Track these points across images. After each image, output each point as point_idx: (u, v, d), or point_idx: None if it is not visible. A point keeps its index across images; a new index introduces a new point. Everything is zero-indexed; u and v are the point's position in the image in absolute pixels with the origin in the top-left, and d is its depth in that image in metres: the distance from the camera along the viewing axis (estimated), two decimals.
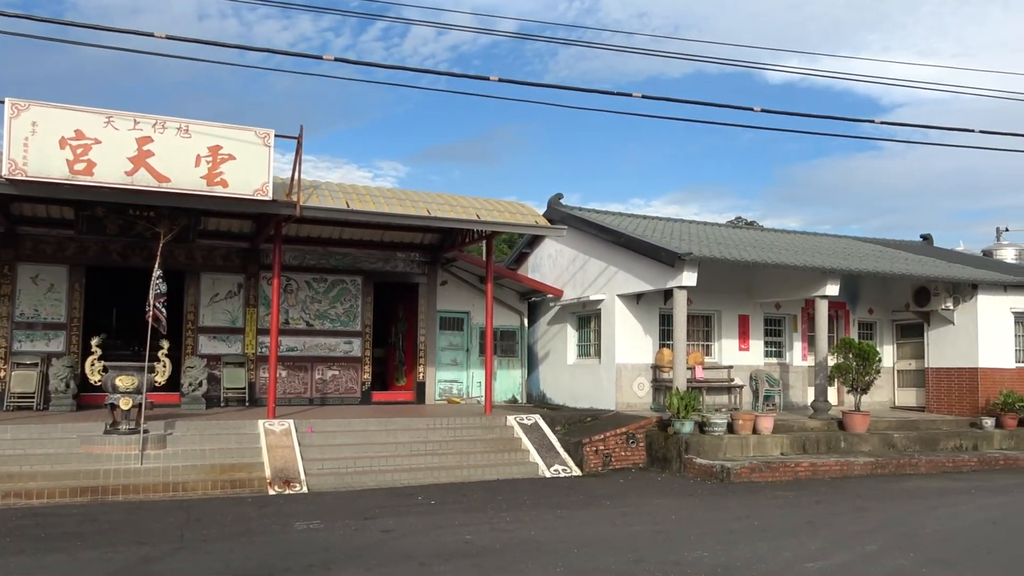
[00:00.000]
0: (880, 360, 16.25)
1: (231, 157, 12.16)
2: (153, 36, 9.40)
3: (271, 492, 11.16)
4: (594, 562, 7.54)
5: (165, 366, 12.52)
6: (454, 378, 18.99)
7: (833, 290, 16.28)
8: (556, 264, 19.50)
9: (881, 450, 14.92)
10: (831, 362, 16.42)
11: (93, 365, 12.32)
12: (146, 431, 11.75)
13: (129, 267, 16.07)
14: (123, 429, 11.78)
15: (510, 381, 19.57)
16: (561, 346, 19.24)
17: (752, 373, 18.16)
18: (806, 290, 16.72)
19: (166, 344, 12.59)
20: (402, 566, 7.32)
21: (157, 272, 12.16)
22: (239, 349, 16.70)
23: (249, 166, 12.27)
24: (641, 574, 7.16)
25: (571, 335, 19.01)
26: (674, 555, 7.83)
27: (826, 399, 16.30)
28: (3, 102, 11.04)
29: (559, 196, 19.44)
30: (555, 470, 13.25)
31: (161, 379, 12.51)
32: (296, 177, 12.81)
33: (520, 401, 19.38)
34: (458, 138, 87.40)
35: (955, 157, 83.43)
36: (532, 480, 12.75)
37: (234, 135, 12.20)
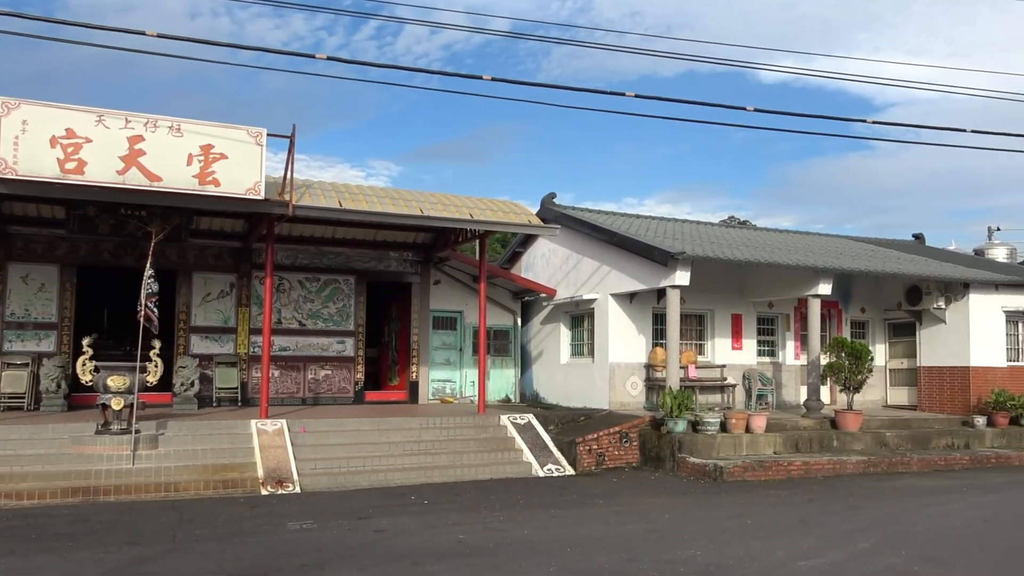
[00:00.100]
0: (872, 359, 16.30)
1: (223, 156, 12.12)
2: (144, 34, 9.36)
3: (264, 492, 11.12)
4: (587, 561, 7.53)
5: (157, 366, 12.48)
6: (447, 378, 18.97)
7: (826, 289, 16.32)
8: (549, 263, 19.50)
9: (873, 449, 14.96)
10: (824, 361, 16.46)
11: (84, 365, 12.27)
12: (138, 431, 11.70)
13: (121, 267, 16.00)
14: (115, 429, 11.72)
15: (503, 380, 19.56)
16: (554, 345, 19.24)
17: (745, 372, 18.19)
18: (799, 289, 16.76)
19: (158, 344, 12.54)
20: (395, 566, 7.31)
21: (149, 271, 12.12)
22: (231, 349, 16.64)
23: (241, 165, 12.23)
24: (635, 573, 7.16)
25: (564, 334, 19.01)
26: (667, 554, 7.84)
27: (819, 398, 16.34)
28: None
29: (552, 195, 19.44)
30: (548, 469, 13.24)
31: (153, 379, 12.46)
32: (288, 176, 12.77)
33: (514, 400, 19.37)
34: (451, 137, 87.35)
35: (947, 157, 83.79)
36: (526, 479, 12.74)
37: (226, 134, 12.16)
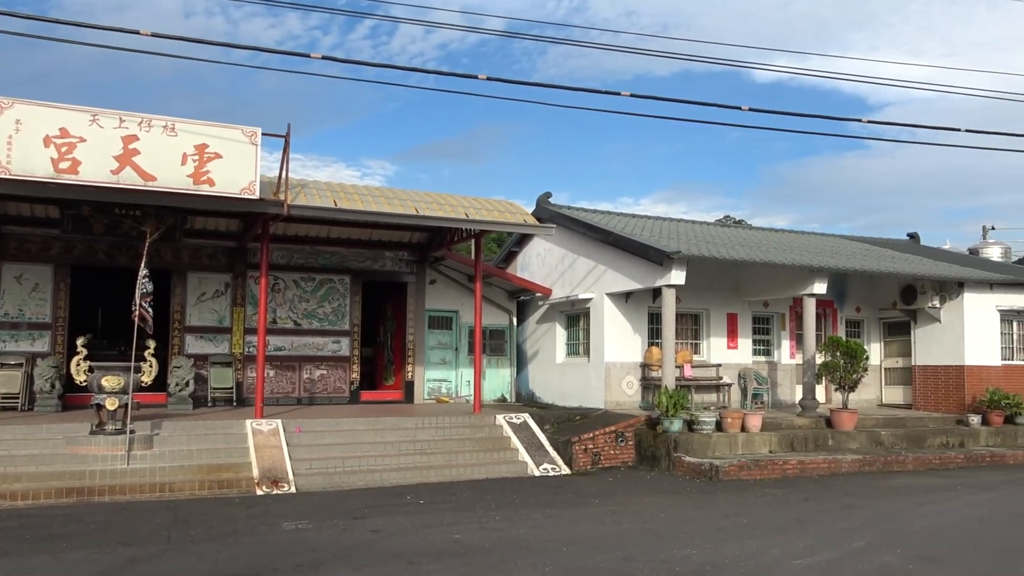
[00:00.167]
0: (867, 358, 16.33)
1: (218, 156, 12.09)
2: (138, 33, 9.33)
3: (259, 492, 11.10)
4: (583, 561, 7.53)
5: (152, 366, 12.44)
6: (443, 377, 18.95)
7: (821, 288, 16.34)
8: (545, 263, 19.49)
9: (869, 447, 14.99)
10: (819, 360, 16.48)
11: (79, 365, 12.23)
12: (132, 431, 11.66)
13: (115, 266, 15.96)
14: (109, 429, 11.69)
15: (499, 380, 19.56)
16: (550, 345, 19.24)
17: (740, 371, 18.21)
18: (794, 288, 16.78)
19: (153, 344, 12.50)
20: (391, 566, 7.30)
21: (143, 271, 12.07)
22: (226, 349, 16.61)
23: (236, 165, 12.20)
24: (630, 572, 7.16)
25: (560, 334, 19.01)
26: (663, 553, 7.84)
27: (814, 397, 16.36)
28: None
29: (548, 195, 19.43)
30: (544, 469, 13.24)
31: (147, 379, 12.42)
32: (283, 176, 12.75)
33: (509, 400, 19.37)
34: (446, 137, 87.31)
35: (942, 156, 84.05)
36: (521, 479, 12.74)
37: (221, 133, 12.13)
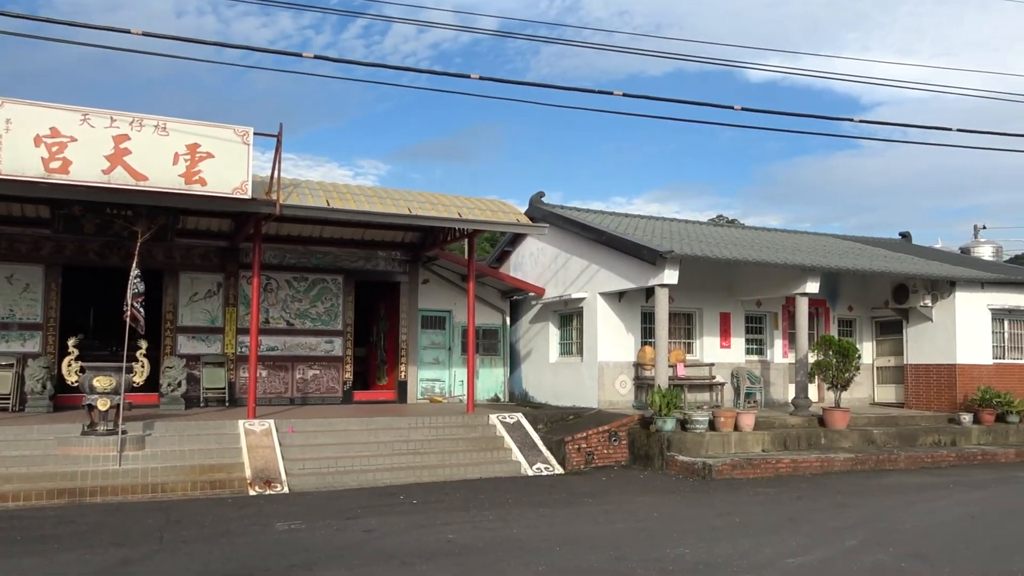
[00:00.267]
0: (860, 357, 16.37)
1: (209, 155, 12.05)
2: (129, 33, 9.29)
3: (251, 493, 11.07)
4: (576, 560, 7.53)
5: (144, 366, 12.39)
6: (436, 377, 18.93)
7: (813, 288, 16.38)
8: (538, 262, 19.49)
9: (861, 446, 15.03)
10: (811, 359, 16.52)
11: (70, 366, 12.18)
12: (124, 432, 11.62)
13: (107, 266, 15.89)
14: (101, 430, 11.64)
15: (492, 380, 19.55)
16: (543, 344, 19.24)
17: (733, 370, 18.24)
18: (787, 288, 16.81)
19: (144, 344, 12.45)
20: (384, 566, 7.28)
21: (135, 271, 12.04)
22: (219, 349, 16.56)
23: (228, 164, 12.15)
24: (623, 571, 7.17)
25: (553, 333, 19.02)
26: (656, 552, 7.84)
27: (807, 396, 16.40)
28: None
29: (540, 194, 19.43)
30: (538, 468, 13.24)
31: (139, 379, 12.38)
32: (276, 175, 12.70)
33: (503, 400, 19.36)
34: (439, 136, 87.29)
35: (934, 156, 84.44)
36: (515, 479, 12.73)
37: (212, 133, 12.09)
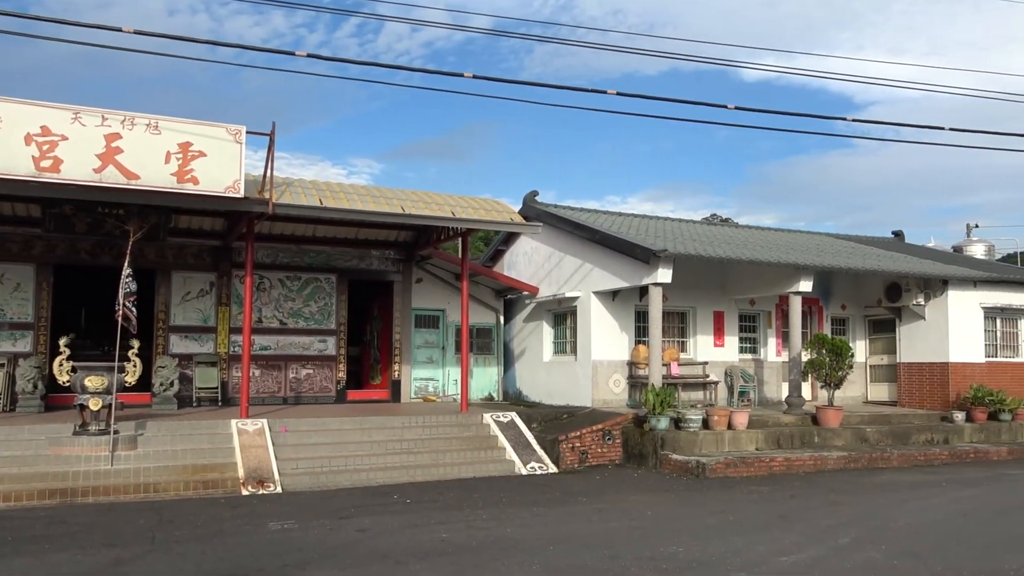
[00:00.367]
0: (853, 355, 16.42)
1: (202, 154, 12.00)
2: (121, 31, 9.25)
3: (244, 492, 11.04)
4: (571, 559, 7.53)
5: (136, 366, 12.34)
6: (430, 376, 18.91)
7: (807, 286, 16.41)
8: (532, 261, 19.49)
9: (854, 444, 15.06)
10: (805, 358, 16.56)
11: (61, 365, 12.11)
12: (116, 432, 11.57)
13: (98, 266, 15.82)
14: (93, 430, 11.58)
15: (486, 379, 19.54)
16: (537, 343, 19.23)
17: (727, 369, 18.27)
18: (780, 286, 16.84)
19: (136, 344, 12.40)
20: (378, 565, 7.27)
21: (127, 271, 11.98)
22: (211, 348, 16.51)
23: (220, 163, 12.11)
24: (617, 570, 7.17)
25: (547, 332, 19.01)
26: (650, 551, 7.85)
27: (800, 394, 16.43)
28: None
29: (534, 193, 19.42)
30: (532, 467, 13.23)
31: (131, 379, 12.32)
32: (268, 174, 12.67)
33: (496, 399, 19.35)
34: (433, 135, 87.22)
35: (927, 155, 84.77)
36: (508, 478, 12.72)
37: (205, 132, 12.04)
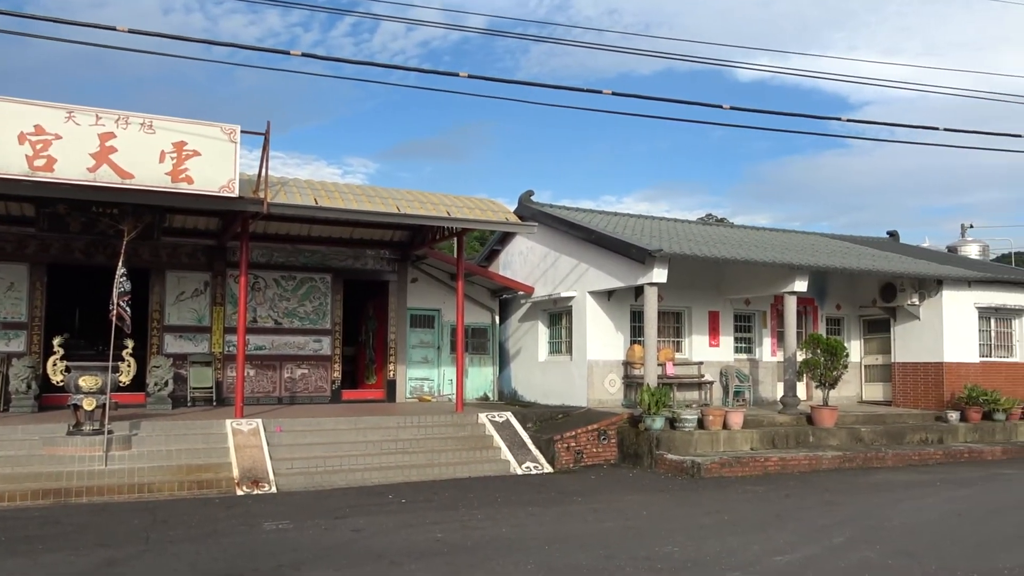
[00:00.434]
0: (848, 355, 16.43)
1: (196, 153, 11.97)
2: (115, 30, 9.22)
3: (239, 492, 11.01)
4: (566, 559, 7.52)
5: (130, 366, 12.31)
6: (425, 376, 18.90)
7: (802, 286, 16.43)
8: (527, 261, 19.48)
9: (849, 444, 15.08)
10: (800, 357, 16.57)
11: (55, 365, 12.08)
12: (110, 432, 11.54)
13: (92, 265, 15.77)
14: (87, 430, 11.55)
15: (482, 379, 19.52)
16: (532, 343, 19.23)
17: (722, 369, 18.28)
18: (775, 286, 16.86)
19: (131, 343, 12.37)
20: (373, 565, 7.25)
21: (121, 270, 11.95)
22: (206, 348, 16.47)
23: (215, 162, 12.08)
24: (612, 570, 7.16)
25: (542, 332, 19.01)
26: (645, 550, 7.85)
27: (795, 394, 16.45)
28: None
29: (530, 193, 19.42)
30: (527, 467, 13.23)
31: (126, 379, 12.30)
32: (263, 173, 12.64)
33: (492, 399, 19.35)
34: (428, 135, 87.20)
35: (921, 155, 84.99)
36: (504, 477, 12.72)
37: (199, 131, 12.02)
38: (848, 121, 13.24)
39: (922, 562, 7.58)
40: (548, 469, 13.36)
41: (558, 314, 18.56)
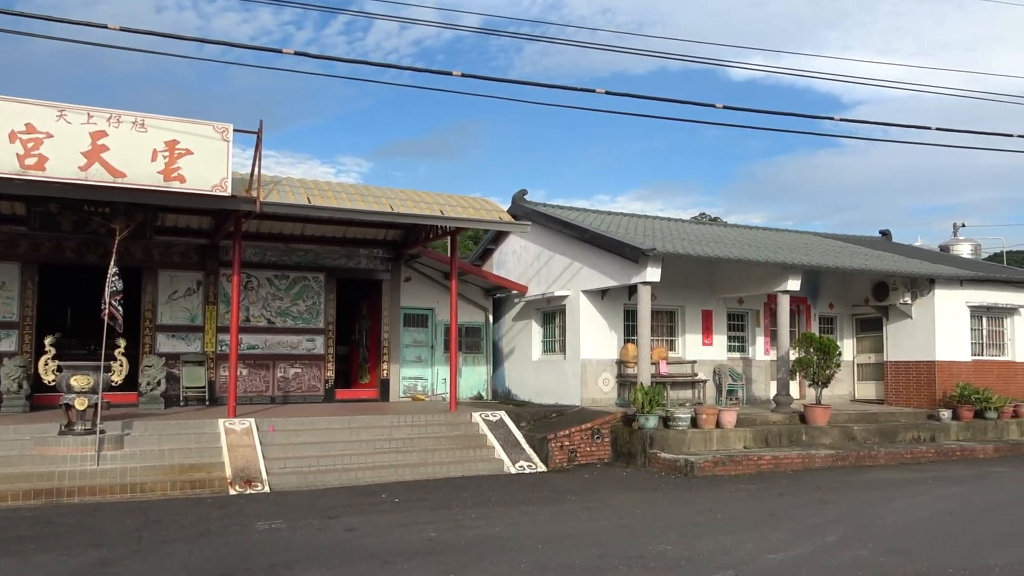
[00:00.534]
0: (840, 354, 16.50)
1: (188, 152, 11.93)
2: (107, 28, 9.18)
3: (232, 492, 10.98)
4: (559, 557, 7.52)
5: (122, 365, 12.25)
6: (419, 375, 18.88)
7: (795, 285, 16.46)
8: (521, 260, 19.48)
9: (841, 442, 15.12)
10: (793, 356, 16.62)
11: (47, 365, 12.03)
12: (102, 431, 11.49)
13: (84, 264, 15.71)
14: (79, 430, 11.50)
15: (475, 378, 19.52)
16: (526, 342, 19.23)
17: (716, 368, 18.31)
18: (768, 285, 16.89)
19: (123, 343, 12.32)
20: (366, 564, 7.24)
21: (113, 269, 11.90)
22: (199, 347, 16.42)
23: (207, 161, 12.04)
24: (606, 568, 7.16)
25: (536, 331, 19.01)
26: (638, 549, 7.85)
27: (788, 393, 16.49)
28: None
29: (523, 192, 19.41)
30: (520, 466, 13.23)
31: (118, 378, 12.24)
32: (256, 172, 12.61)
33: (485, 398, 19.34)
34: (422, 134, 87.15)
35: (914, 154, 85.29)
36: (497, 476, 12.71)
37: (191, 129, 11.98)
38: (841, 120, 13.29)
39: (914, 560, 7.60)
40: (542, 468, 13.36)
41: (552, 313, 18.56)
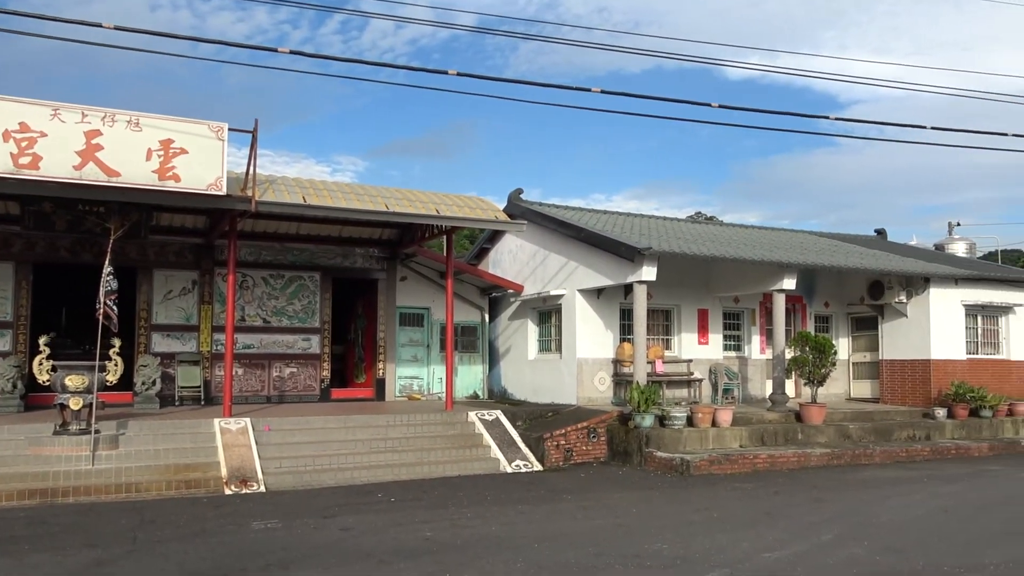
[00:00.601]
0: (836, 353, 16.49)
1: (183, 151, 11.90)
2: (101, 27, 9.14)
3: (227, 492, 10.96)
4: (555, 556, 7.52)
5: (117, 365, 12.24)
6: (415, 374, 18.86)
7: (790, 284, 16.48)
8: (517, 259, 19.47)
9: (837, 441, 15.14)
10: (788, 355, 16.62)
11: (41, 364, 11.99)
12: (97, 431, 11.47)
13: (79, 264, 15.66)
14: (73, 430, 11.47)
15: (471, 377, 19.51)
16: (522, 341, 19.22)
17: (711, 367, 18.32)
18: (764, 284, 16.90)
19: (118, 342, 12.30)
20: (362, 564, 7.23)
21: (108, 269, 11.87)
22: (194, 347, 16.39)
23: (202, 160, 12.01)
24: (602, 567, 7.16)
25: (532, 330, 19.00)
26: (634, 548, 7.85)
27: (784, 392, 16.51)
28: None
29: (519, 191, 19.41)
30: (516, 465, 13.23)
31: (113, 378, 12.22)
32: (251, 171, 12.59)
33: (482, 397, 19.33)
34: (417, 133, 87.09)
35: (909, 154, 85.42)
36: (493, 476, 12.71)
37: (186, 128, 11.94)
38: (837, 120, 13.32)
39: (909, 558, 7.61)
40: (538, 467, 13.36)
41: (548, 312, 18.56)
